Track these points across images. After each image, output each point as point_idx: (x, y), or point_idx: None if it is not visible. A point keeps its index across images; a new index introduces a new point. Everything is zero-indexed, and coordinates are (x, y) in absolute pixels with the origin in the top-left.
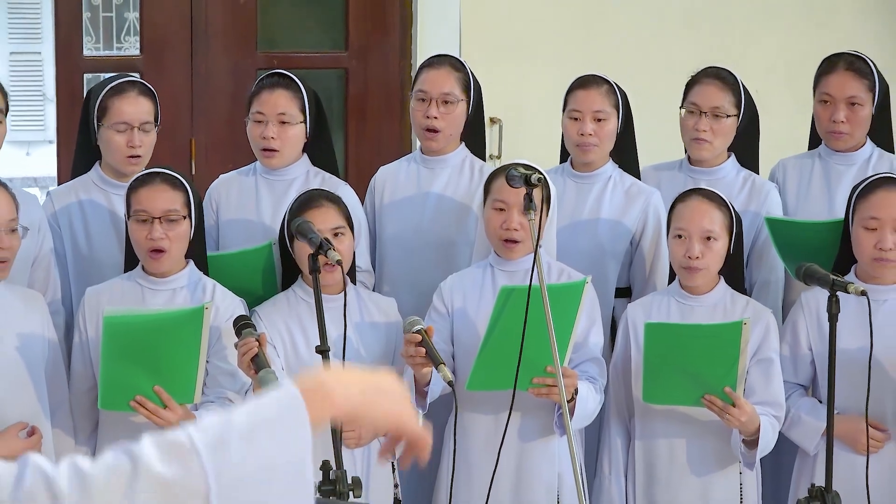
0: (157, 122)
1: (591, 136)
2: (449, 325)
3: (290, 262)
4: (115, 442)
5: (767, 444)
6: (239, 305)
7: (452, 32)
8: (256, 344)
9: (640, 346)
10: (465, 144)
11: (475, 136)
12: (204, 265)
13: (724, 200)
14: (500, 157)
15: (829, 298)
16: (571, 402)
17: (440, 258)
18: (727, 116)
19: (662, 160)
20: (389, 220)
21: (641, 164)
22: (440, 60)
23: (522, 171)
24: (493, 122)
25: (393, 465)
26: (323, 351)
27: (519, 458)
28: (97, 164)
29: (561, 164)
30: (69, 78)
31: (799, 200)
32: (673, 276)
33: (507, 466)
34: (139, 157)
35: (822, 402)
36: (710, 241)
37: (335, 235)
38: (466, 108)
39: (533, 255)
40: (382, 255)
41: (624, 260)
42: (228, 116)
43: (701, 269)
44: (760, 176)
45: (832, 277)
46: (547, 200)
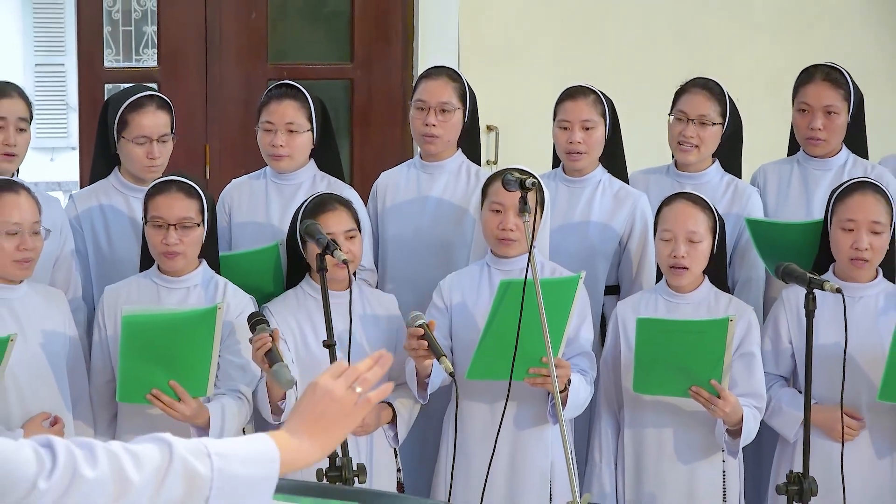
0: (173, 131)
1: (580, 144)
2: (448, 320)
3: (297, 260)
4: (132, 432)
5: (749, 433)
6: (249, 303)
7: (451, 45)
8: (270, 339)
9: (628, 340)
10: (461, 150)
11: (471, 142)
12: (216, 264)
13: (707, 203)
14: (496, 162)
15: (806, 296)
16: (564, 392)
17: (439, 258)
18: (713, 124)
19: (650, 165)
20: (391, 221)
21: (630, 168)
22: (438, 71)
23: (518, 175)
24: (489, 129)
25: (395, 451)
26: (329, 345)
27: (514, 445)
28: (116, 169)
29: (554, 169)
30: (91, 88)
31: (779, 203)
32: (659, 274)
33: (502, 453)
34: (159, 165)
35: (801, 392)
36: (694, 242)
37: (349, 238)
38: (462, 116)
39: (527, 254)
40: (385, 254)
41: (613, 260)
42: (240, 123)
43: (687, 269)
44: (742, 180)
45: (809, 276)
46: (541, 203)
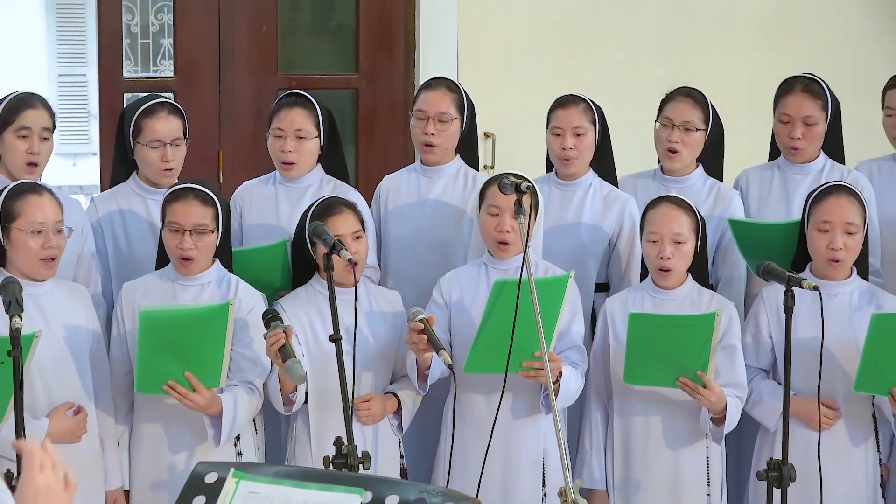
0: (185, 136)
1: (571, 149)
2: (447, 316)
3: (304, 260)
4: (149, 420)
5: (732, 421)
6: (260, 300)
7: (450, 57)
8: (283, 336)
9: (617, 334)
10: (459, 156)
11: (469, 148)
12: (229, 263)
13: (689, 206)
14: (493, 167)
15: (785, 293)
16: (556, 383)
17: (438, 257)
18: (696, 130)
19: (638, 169)
20: (393, 223)
21: (619, 172)
22: (437, 83)
23: (513, 179)
24: (487, 136)
25: (399, 439)
26: (336, 339)
27: (509, 433)
28: (134, 173)
29: (547, 173)
30: (111, 97)
31: (760, 206)
32: (644, 271)
33: (498, 441)
34: (173, 168)
35: (781, 384)
36: (679, 243)
37: (356, 239)
38: (460, 125)
39: (522, 254)
40: (387, 254)
41: (602, 259)
42: (252, 130)
43: (672, 269)
44: (724, 184)
45: (788, 274)
46: (535, 206)
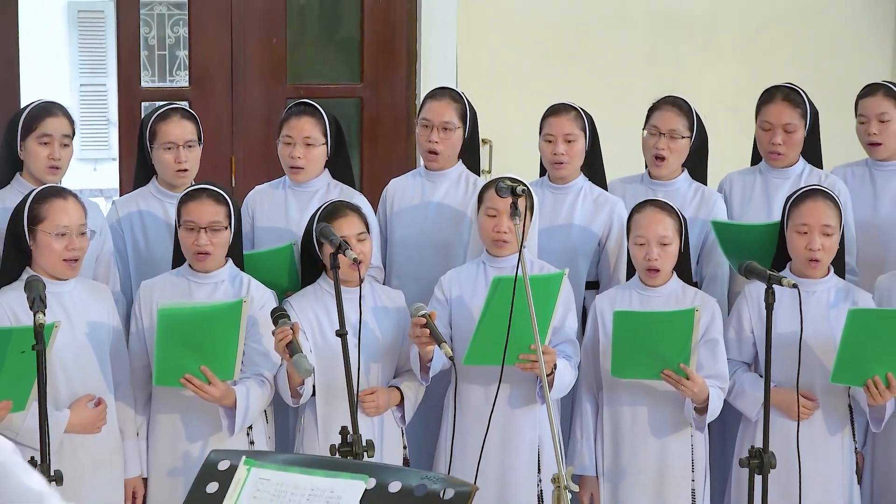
0: (200, 140)
1: (563, 155)
2: (448, 312)
3: (312, 260)
4: (166, 412)
5: (714, 410)
6: (271, 297)
7: (450, 68)
8: (291, 332)
9: (607, 330)
10: (462, 161)
11: (471, 154)
12: (241, 263)
13: (673, 208)
14: (490, 171)
15: (766, 290)
16: (551, 375)
17: (440, 256)
18: (682, 137)
19: (626, 174)
20: (398, 224)
21: (608, 177)
22: (442, 93)
23: (509, 183)
24: (484, 142)
25: (402, 430)
26: (342, 334)
27: (506, 422)
28: (154, 178)
29: (540, 177)
30: (129, 106)
31: (742, 208)
32: (631, 269)
33: (496, 429)
34: (186, 170)
35: (762, 376)
36: (665, 245)
37: (360, 240)
38: (463, 133)
39: (518, 253)
40: (392, 254)
41: (593, 258)
42: (262, 137)
43: (659, 269)
44: (708, 187)
45: (768, 273)
46: (530, 208)
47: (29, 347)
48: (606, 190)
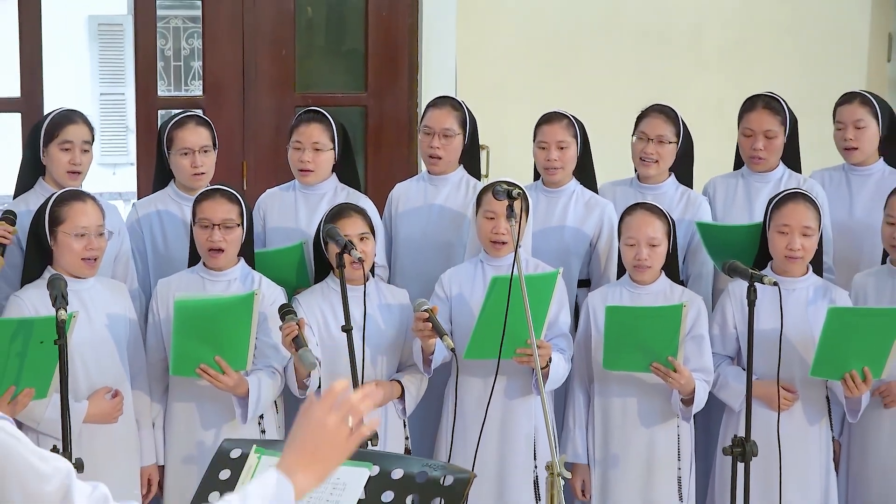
0: (215, 145)
1: (555, 160)
2: (448, 308)
3: (323, 259)
4: (182, 400)
5: (700, 402)
6: (280, 294)
7: (449, 78)
8: (296, 328)
9: (598, 325)
10: (463, 166)
11: (472, 159)
12: (252, 262)
13: (662, 211)
14: (487, 176)
15: (748, 288)
16: (545, 368)
17: (442, 256)
18: (669, 143)
19: (616, 178)
20: (402, 225)
21: (599, 181)
22: (442, 101)
23: (506, 186)
24: (482, 148)
25: (404, 421)
26: (347, 330)
27: (503, 412)
28: (172, 181)
29: (535, 181)
30: (146, 113)
31: (726, 210)
32: (622, 269)
33: (494, 419)
34: (203, 173)
35: (744, 369)
36: (654, 246)
37: (361, 239)
38: (463, 139)
39: (514, 253)
40: (396, 253)
41: (584, 258)
42: (272, 143)
43: (649, 268)
44: (694, 191)
45: (750, 271)
46: (526, 210)
47: (48, 338)
48: (597, 193)
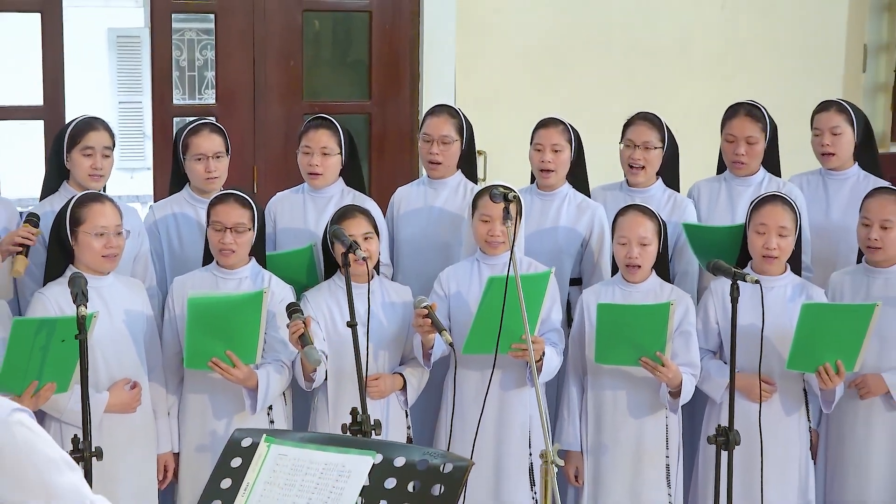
0: (227, 151)
1: (549, 163)
2: (446, 305)
3: (331, 258)
4: (195, 391)
5: (687, 394)
6: (289, 292)
7: (449, 88)
8: (303, 325)
9: (591, 322)
10: (461, 171)
11: (469, 164)
12: (263, 262)
13: (653, 213)
14: (484, 179)
15: (730, 286)
16: (539, 361)
17: (441, 256)
18: (655, 148)
19: (607, 182)
20: (403, 227)
21: (591, 184)
22: (440, 109)
23: (501, 190)
24: (479, 153)
25: (406, 412)
26: (352, 325)
27: (500, 403)
28: (187, 185)
29: (530, 184)
30: (162, 121)
31: (709, 212)
32: (614, 268)
33: (491, 410)
34: (216, 178)
35: (726, 363)
36: (645, 245)
37: (366, 239)
38: (460, 145)
39: (510, 251)
40: (398, 253)
41: (576, 258)
42: (281, 149)
43: (640, 266)
44: (680, 194)
45: (733, 270)
46: (520, 212)
47: (70, 336)
48: (589, 196)
